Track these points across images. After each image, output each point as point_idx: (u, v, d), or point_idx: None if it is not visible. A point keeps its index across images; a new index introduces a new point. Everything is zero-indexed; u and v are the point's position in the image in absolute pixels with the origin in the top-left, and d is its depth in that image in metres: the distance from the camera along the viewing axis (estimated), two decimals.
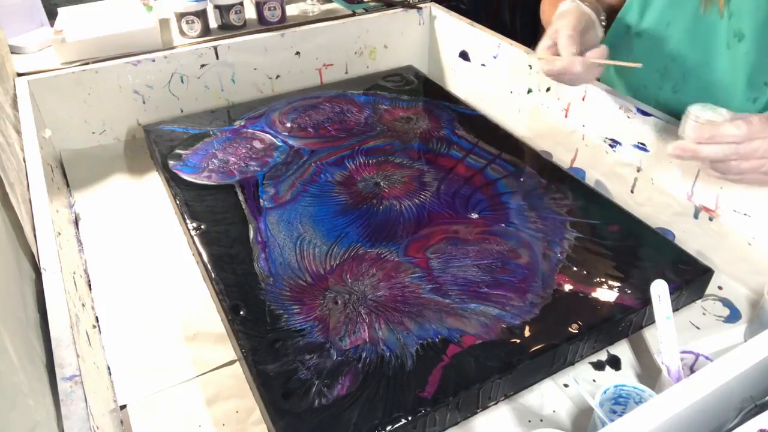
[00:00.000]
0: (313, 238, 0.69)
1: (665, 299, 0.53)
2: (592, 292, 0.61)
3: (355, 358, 0.54)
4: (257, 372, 0.53)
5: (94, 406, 0.45)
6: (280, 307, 0.60)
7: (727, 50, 0.73)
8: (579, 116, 0.84)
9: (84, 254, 0.74)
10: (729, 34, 0.72)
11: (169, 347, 0.61)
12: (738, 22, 0.71)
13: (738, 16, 0.71)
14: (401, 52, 1.16)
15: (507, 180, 0.79)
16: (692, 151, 0.56)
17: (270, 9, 1.09)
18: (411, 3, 1.14)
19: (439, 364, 0.53)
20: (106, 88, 0.93)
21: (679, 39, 0.78)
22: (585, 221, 0.71)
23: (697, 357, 0.54)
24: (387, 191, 0.77)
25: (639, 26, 0.83)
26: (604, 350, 0.60)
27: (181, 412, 0.55)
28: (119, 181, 0.88)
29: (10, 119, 0.77)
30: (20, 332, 0.46)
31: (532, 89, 0.93)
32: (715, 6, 0.73)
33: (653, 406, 0.38)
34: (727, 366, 0.41)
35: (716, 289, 0.67)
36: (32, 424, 0.40)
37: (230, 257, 0.66)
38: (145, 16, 1.03)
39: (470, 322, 0.57)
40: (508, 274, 0.63)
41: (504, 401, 0.55)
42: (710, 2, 0.73)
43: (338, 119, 0.94)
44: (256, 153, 0.85)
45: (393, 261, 0.65)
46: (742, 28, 0.71)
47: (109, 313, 0.66)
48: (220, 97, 1.02)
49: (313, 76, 1.09)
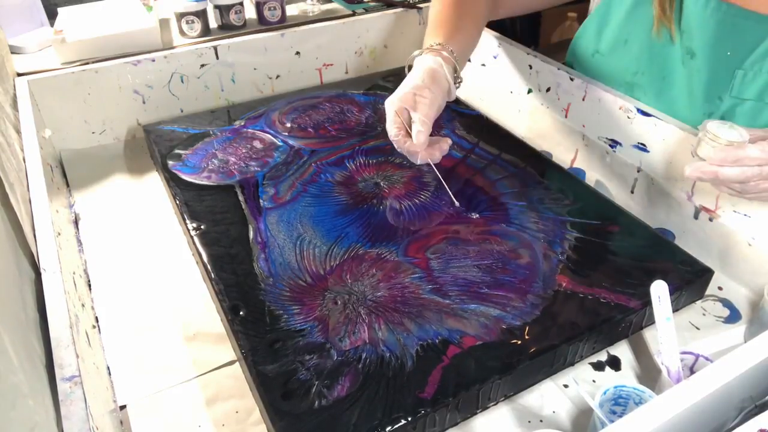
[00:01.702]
0: (313, 239, 0.69)
1: (665, 300, 0.53)
2: (592, 293, 0.61)
3: (355, 358, 0.54)
4: (257, 372, 0.53)
5: (94, 406, 0.45)
6: (279, 308, 0.60)
7: (682, 67, 0.74)
8: (579, 116, 0.84)
9: (84, 254, 0.74)
10: (682, 52, 0.73)
11: (169, 347, 0.61)
12: (689, 41, 0.72)
13: (689, 34, 0.72)
14: (401, 52, 1.16)
15: (507, 180, 0.79)
16: (713, 174, 0.54)
17: (270, 9, 1.09)
18: (411, 3, 1.14)
19: (439, 364, 0.53)
20: (106, 88, 0.93)
21: (637, 56, 0.80)
22: (585, 221, 0.71)
23: (697, 358, 0.54)
24: (387, 191, 0.77)
25: (598, 45, 0.84)
26: (604, 351, 0.60)
27: (181, 413, 0.55)
28: (119, 181, 0.88)
29: (10, 119, 0.77)
30: (20, 332, 0.46)
31: (532, 89, 0.93)
32: (666, 30, 0.74)
33: (653, 406, 0.38)
34: (727, 367, 0.41)
35: (716, 290, 0.66)
36: (32, 424, 0.40)
37: (230, 257, 0.66)
38: (145, 16, 1.03)
39: (470, 323, 0.57)
40: (508, 275, 0.63)
41: (504, 402, 0.55)
42: (661, 27, 0.74)
43: (338, 119, 0.94)
44: (257, 153, 0.85)
45: (393, 261, 0.65)
46: (693, 47, 0.72)
47: (109, 313, 0.65)
48: (220, 97, 1.02)
49: (313, 76, 1.09)
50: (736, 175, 0.54)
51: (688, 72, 0.74)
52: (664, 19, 0.74)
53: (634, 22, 0.79)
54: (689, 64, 0.73)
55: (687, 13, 0.72)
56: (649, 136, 0.74)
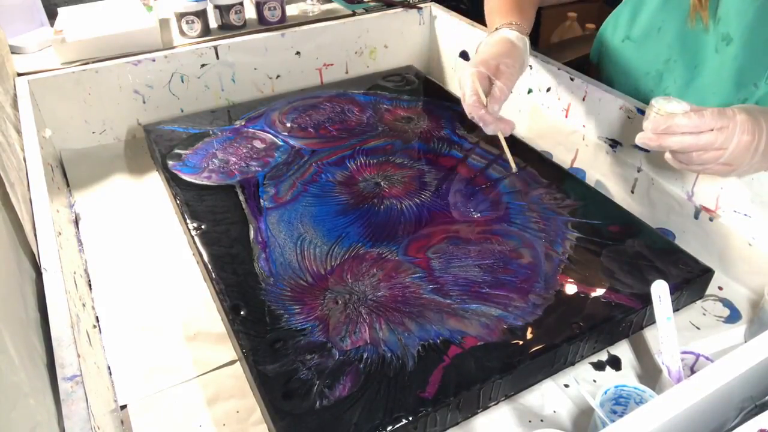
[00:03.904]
0: (314, 238, 0.69)
1: (666, 300, 0.53)
2: (593, 293, 0.61)
3: (356, 358, 0.54)
4: (257, 372, 0.53)
5: (95, 406, 0.45)
6: (280, 307, 0.60)
7: (716, 54, 0.74)
8: (579, 116, 0.85)
9: (84, 254, 0.74)
10: (717, 39, 0.74)
11: (170, 347, 0.61)
12: (726, 27, 0.72)
13: (726, 20, 0.72)
14: (401, 52, 1.16)
15: (508, 180, 0.79)
16: (656, 140, 0.58)
17: (270, 9, 1.09)
18: (411, 3, 1.14)
19: (440, 364, 0.53)
20: (106, 88, 0.93)
21: (669, 43, 0.80)
22: (585, 221, 0.71)
23: (698, 357, 0.54)
24: (387, 191, 0.77)
25: (630, 31, 0.84)
26: (604, 350, 0.60)
27: (182, 412, 0.55)
28: (119, 181, 0.88)
29: (11, 119, 0.77)
30: (21, 332, 0.46)
31: (532, 89, 0.93)
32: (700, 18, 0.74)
33: (654, 406, 0.38)
34: (727, 366, 0.41)
35: (716, 290, 0.67)
36: (33, 423, 0.40)
37: (230, 257, 0.66)
38: (145, 16, 1.03)
39: (471, 324, 0.57)
40: (509, 275, 0.63)
41: (504, 401, 0.55)
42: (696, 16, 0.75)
43: (339, 119, 0.94)
44: (257, 153, 0.85)
45: (394, 261, 0.65)
46: (730, 32, 0.72)
47: (110, 313, 0.66)
48: (221, 96, 1.02)
49: (313, 76, 1.09)
50: (675, 143, 0.57)
51: (721, 59, 0.74)
52: (700, 8, 0.74)
53: (669, 10, 0.79)
54: (724, 51, 0.73)
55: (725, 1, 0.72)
56: None
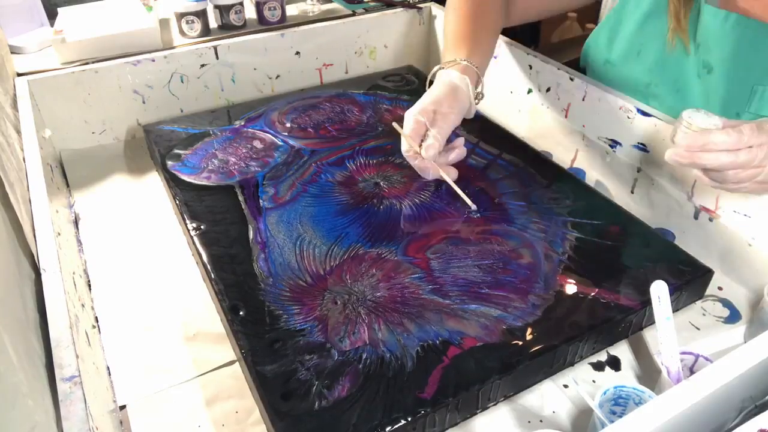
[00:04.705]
0: (313, 239, 0.69)
1: (665, 300, 0.53)
2: (592, 293, 0.61)
3: (355, 359, 0.54)
4: (256, 372, 0.53)
5: (94, 406, 0.45)
6: (279, 308, 0.59)
7: (698, 80, 0.73)
8: (579, 116, 0.84)
9: (84, 254, 0.74)
10: (698, 65, 0.72)
11: (169, 347, 0.61)
12: (706, 54, 0.71)
13: (705, 47, 0.71)
14: (401, 52, 1.16)
15: (507, 180, 0.79)
16: (690, 158, 0.54)
17: (270, 9, 1.09)
18: (411, 3, 1.14)
19: (439, 365, 0.53)
20: (106, 88, 0.93)
21: (650, 68, 0.78)
22: (585, 221, 0.71)
23: (697, 358, 0.54)
24: (387, 191, 0.77)
25: (609, 54, 0.83)
26: (603, 351, 0.60)
27: (181, 413, 0.55)
28: (119, 181, 0.88)
29: (10, 119, 0.77)
30: (20, 332, 0.46)
31: (532, 89, 0.92)
32: (680, 42, 0.73)
33: (653, 407, 0.38)
34: (727, 367, 0.41)
35: (716, 290, 0.66)
36: (31, 424, 0.40)
37: (230, 257, 0.66)
38: (145, 16, 1.03)
39: (471, 324, 0.57)
40: (509, 275, 0.63)
41: (504, 402, 0.55)
42: (676, 39, 0.73)
43: (338, 119, 0.94)
44: (257, 153, 0.85)
45: (393, 261, 0.65)
46: (710, 61, 0.70)
47: (109, 313, 0.65)
48: (220, 97, 1.02)
49: (313, 76, 1.09)
50: (712, 161, 0.53)
51: (705, 86, 0.73)
52: (679, 31, 0.72)
53: (647, 34, 0.78)
54: (706, 79, 0.72)
55: (704, 27, 0.70)
56: (649, 136, 0.74)
